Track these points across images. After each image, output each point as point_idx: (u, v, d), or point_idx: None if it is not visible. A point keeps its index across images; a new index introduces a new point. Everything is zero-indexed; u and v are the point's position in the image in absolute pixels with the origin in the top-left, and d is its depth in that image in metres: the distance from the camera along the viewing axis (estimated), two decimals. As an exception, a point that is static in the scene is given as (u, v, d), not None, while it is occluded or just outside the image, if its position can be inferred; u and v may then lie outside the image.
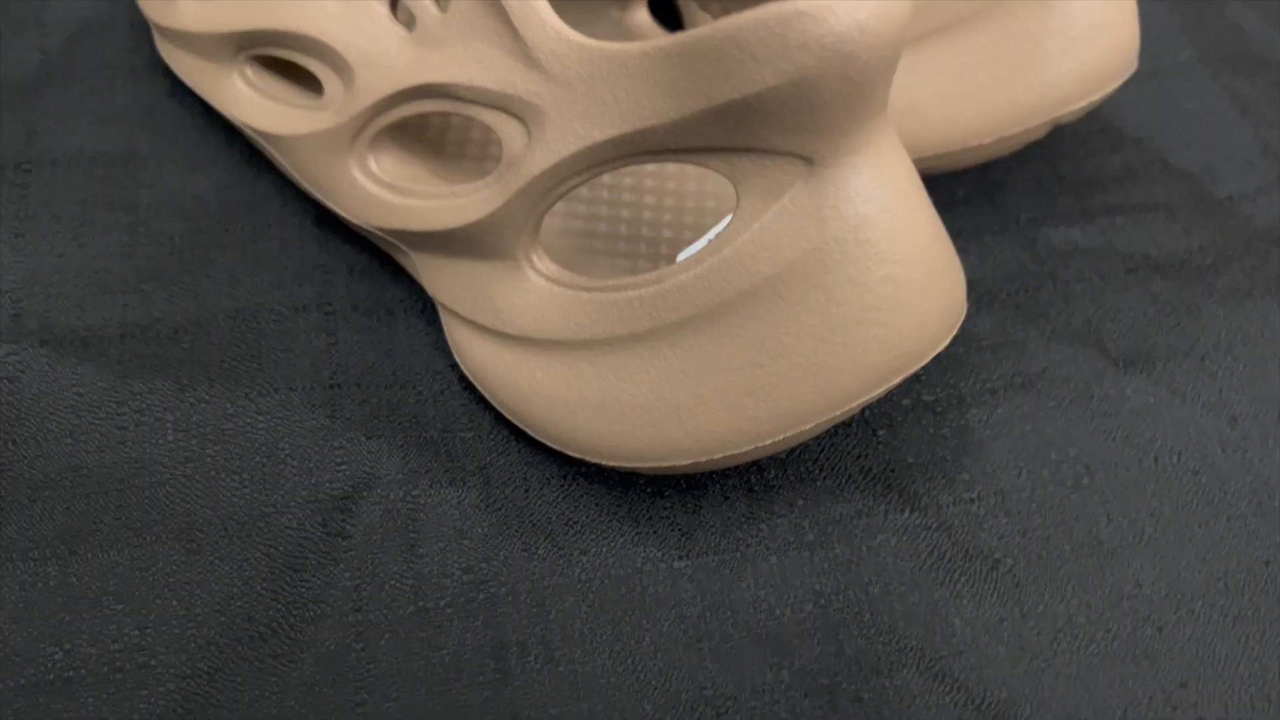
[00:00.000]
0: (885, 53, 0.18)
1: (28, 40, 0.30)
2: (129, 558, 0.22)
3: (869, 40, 0.18)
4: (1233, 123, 0.33)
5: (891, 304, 0.21)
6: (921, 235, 0.21)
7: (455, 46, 0.23)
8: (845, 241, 0.20)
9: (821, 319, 0.21)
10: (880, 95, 0.20)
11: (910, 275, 0.21)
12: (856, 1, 0.18)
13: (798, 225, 0.20)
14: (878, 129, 0.20)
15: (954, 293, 0.22)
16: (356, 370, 0.26)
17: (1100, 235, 0.30)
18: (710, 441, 0.22)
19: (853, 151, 0.20)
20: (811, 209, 0.20)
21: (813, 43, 0.18)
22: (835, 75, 0.18)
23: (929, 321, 0.22)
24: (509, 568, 0.23)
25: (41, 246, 0.27)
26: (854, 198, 0.20)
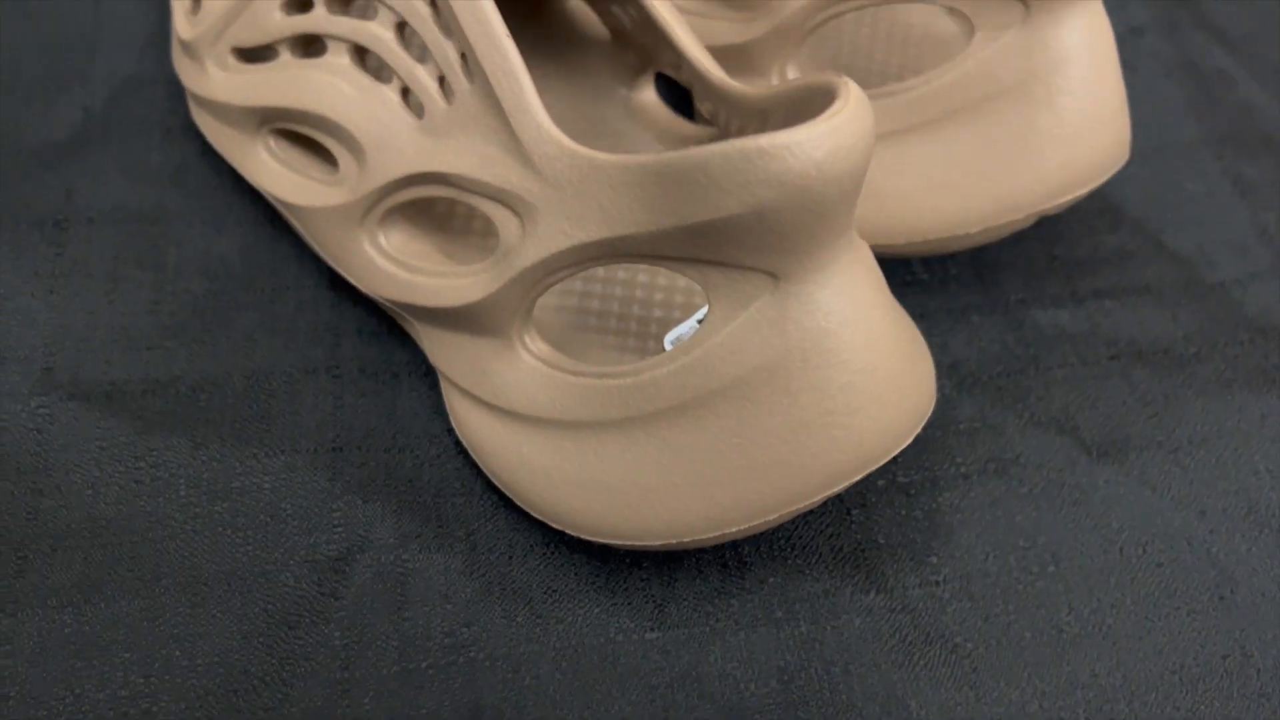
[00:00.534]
0: (844, 187, 0.20)
1: (73, 97, 0.32)
2: (138, 608, 0.24)
3: (826, 177, 0.19)
4: (1231, 205, 0.34)
5: (851, 409, 0.22)
6: (883, 345, 0.22)
7: (459, 139, 0.25)
8: (807, 351, 0.21)
9: (783, 420, 0.22)
10: (842, 220, 0.21)
11: (870, 383, 0.22)
12: (815, 141, 0.19)
13: (763, 334, 0.21)
14: (842, 247, 0.21)
15: (917, 395, 0.23)
16: (359, 433, 0.27)
17: (1087, 319, 0.31)
18: (679, 526, 0.24)
19: (816, 269, 0.21)
20: (776, 320, 0.21)
21: (772, 179, 0.19)
22: (795, 207, 0.19)
23: (889, 424, 0.23)
24: (489, 633, 0.25)
25: (74, 302, 0.29)
26: (816, 311, 0.21)
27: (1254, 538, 0.27)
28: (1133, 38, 0.38)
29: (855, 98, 0.20)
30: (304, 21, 0.27)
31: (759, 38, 0.30)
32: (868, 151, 0.20)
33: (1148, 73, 0.37)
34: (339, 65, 0.27)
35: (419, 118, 0.26)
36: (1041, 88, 0.27)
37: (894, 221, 0.29)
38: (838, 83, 0.20)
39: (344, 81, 0.27)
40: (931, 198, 0.29)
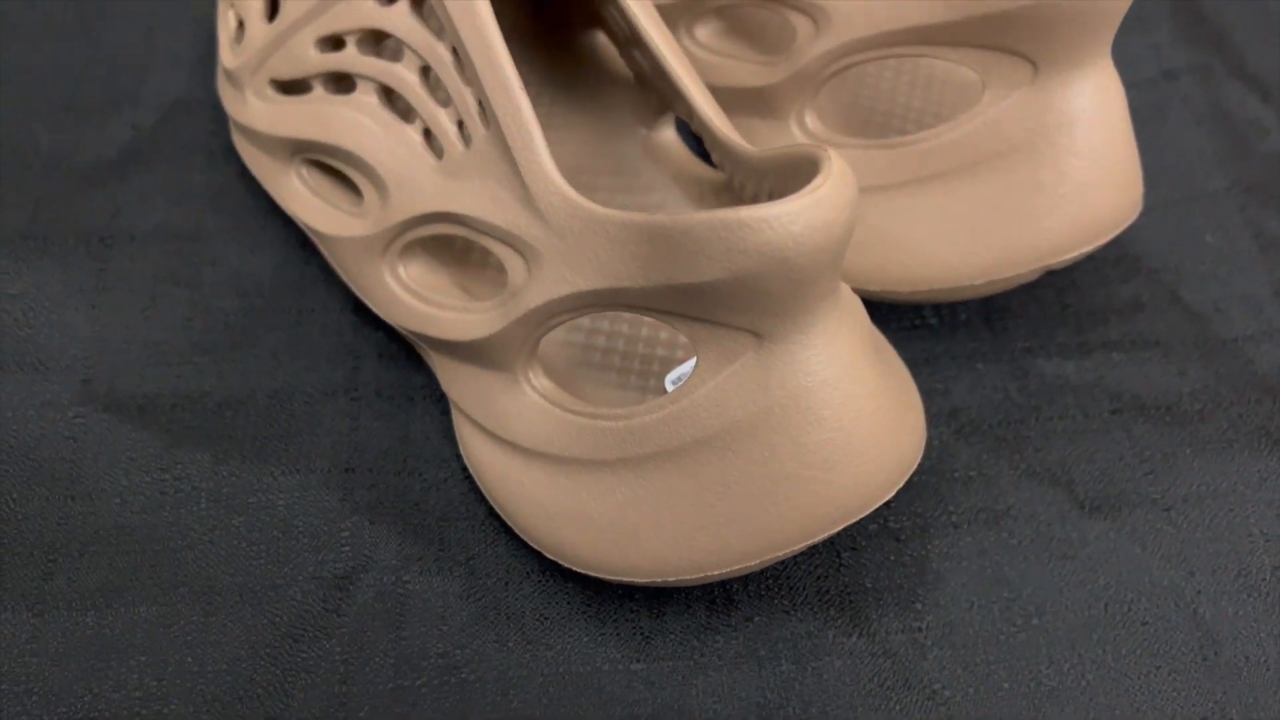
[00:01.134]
0: (821, 258, 0.20)
1: (124, 118, 0.34)
2: (155, 614, 0.26)
3: (804, 250, 0.20)
4: (1251, 260, 0.34)
5: (830, 465, 0.23)
6: (865, 404, 0.23)
7: (474, 182, 0.26)
8: (788, 408, 0.22)
9: (764, 472, 0.23)
10: (823, 285, 0.21)
11: (850, 440, 0.23)
12: (792, 215, 0.20)
13: (746, 390, 0.22)
14: (826, 309, 0.22)
15: (900, 450, 0.24)
16: (371, 455, 0.29)
17: (1093, 371, 0.31)
18: (664, 565, 0.24)
19: (799, 330, 0.22)
20: (759, 377, 0.22)
21: (751, 249, 0.20)
22: (774, 276, 0.20)
23: (869, 480, 0.23)
24: (481, 656, 0.26)
25: (113, 317, 0.30)
26: (798, 371, 0.22)
27: (1242, 600, 0.27)
28: (1165, 82, 0.38)
29: (836, 173, 0.20)
30: (335, 59, 0.29)
31: (778, 83, 0.31)
32: (847, 225, 0.21)
33: (1178, 119, 0.37)
34: (367, 103, 0.28)
35: (439, 158, 0.27)
36: (1048, 147, 0.27)
37: (900, 269, 0.30)
38: (821, 156, 0.21)
39: (370, 119, 0.28)
40: (937, 248, 0.29)
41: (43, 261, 0.31)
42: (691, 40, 0.34)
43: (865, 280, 0.30)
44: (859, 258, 0.30)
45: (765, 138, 0.32)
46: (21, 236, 0.31)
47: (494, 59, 0.25)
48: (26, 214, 0.32)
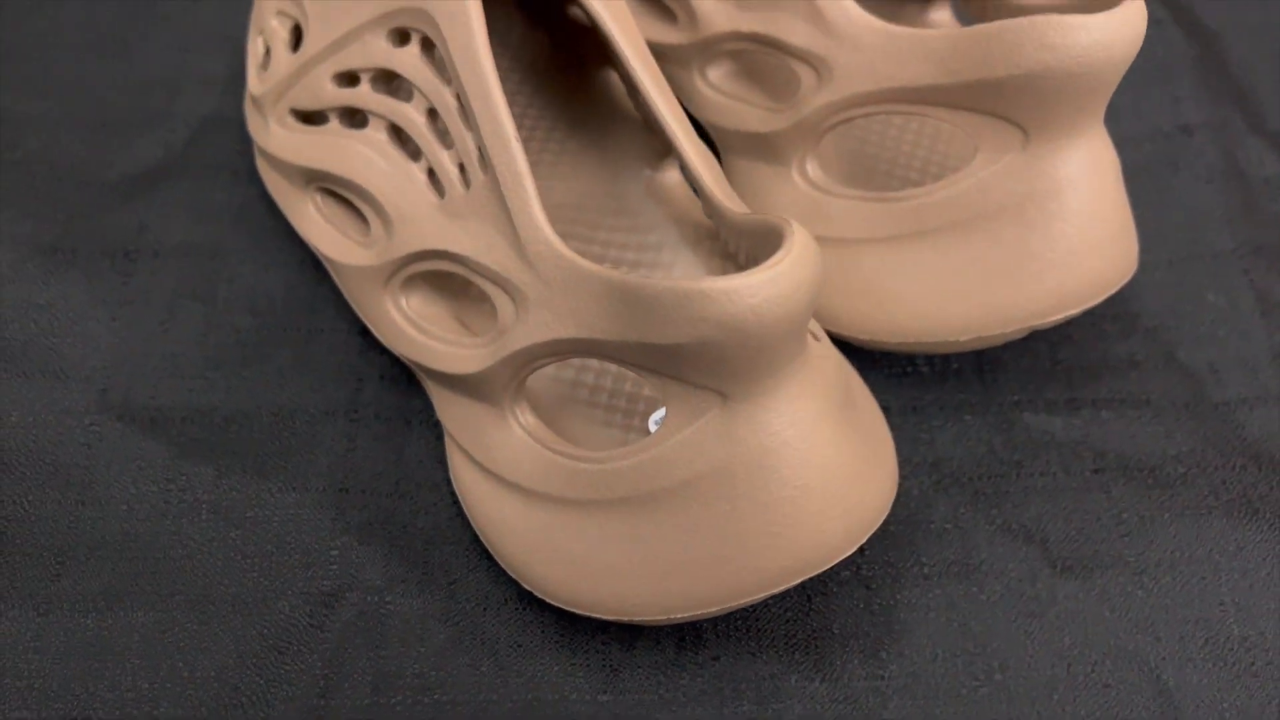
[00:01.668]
0: (781, 330, 0.21)
1: (156, 134, 0.36)
2: (152, 620, 0.27)
3: (763, 321, 0.21)
4: (1251, 323, 0.34)
5: (788, 522, 0.24)
6: (827, 464, 0.24)
7: (471, 223, 0.27)
8: (749, 466, 0.23)
9: (725, 525, 0.24)
10: (787, 352, 0.22)
11: (809, 499, 0.23)
12: (752, 289, 0.21)
13: (710, 446, 0.23)
14: (790, 373, 0.23)
15: (864, 507, 0.25)
16: (365, 476, 0.30)
17: (1080, 428, 0.32)
18: (630, 605, 0.25)
19: (762, 392, 0.23)
20: (723, 434, 0.23)
21: (712, 319, 0.21)
22: (734, 344, 0.21)
23: (828, 537, 0.24)
24: (455, 679, 0.27)
25: (134, 330, 0.32)
26: (760, 431, 0.23)
27: (1206, 669, 0.28)
28: (1180, 136, 0.38)
29: (798, 249, 0.21)
30: (350, 95, 0.30)
31: (782, 130, 0.32)
32: (807, 298, 0.21)
33: (1189, 175, 0.37)
34: (376, 139, 0.29)
35: (441, 198, 0.28)
36: (1036, 212, 0.28)
37: (889, 320, 0.30)
38: (786, 231, 0.22)
39: (379, 155, 0.29)
40: (925, 303, 0.30)
41: (70, 273, 0.32)
42: (704, 81, 0.35)
43: (855, 328, 0.31)
44: (850, 305, 0.31)
45: (769, 182, 0.33)
46: (52, 249, 0.33)
47: (492, 109, 0.26)
48: (59, 227, 0.33)
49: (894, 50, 0.29)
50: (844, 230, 0.31)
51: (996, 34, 0.26)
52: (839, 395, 0.25)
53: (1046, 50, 0.25)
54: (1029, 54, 0.26)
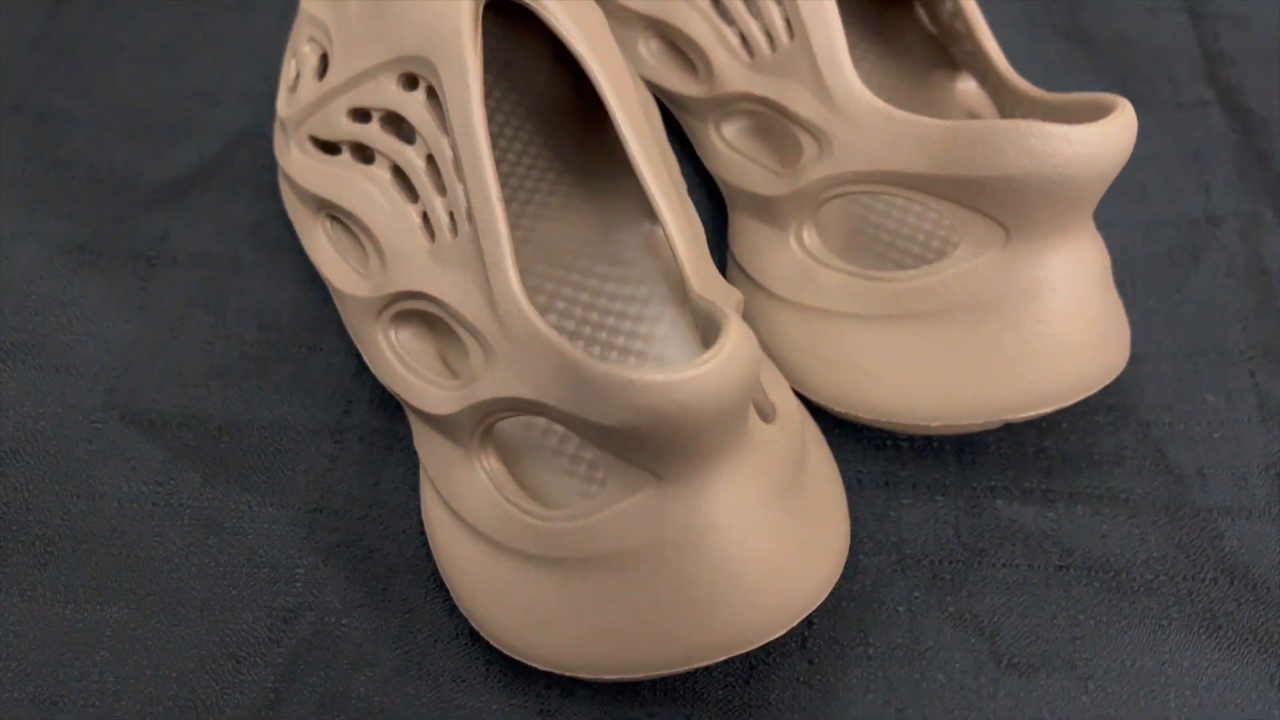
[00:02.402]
0: (710, 422, 0.22)
1: (192, 144, 0.37)
2: (125, 617, 0.29)
3: (691, 415, 0.21)
4: (1248, 429, 0.33)
5: (717, 603, 0.24)
6: (758, 551, 0.24)
7: (455, 271, 0.28)
8: (680, 546, 0.24)
9: (652, 598, 0.24)
10: (720, 441, 0.23)
11: (735, 584, 0.24)
12: (681, 385, 0.21)
13: (642, 522, 0.24)
14: (725, 459, 0.23)
15: (797, 592, 0.25)
16: (340, 498, 0.31)
17: (1051, 522, 0.31)
18: (565, 659, 0.26)
19: (695, 476, 0.23)
20: (656, 512, 0.24)
21: (641, 409, 0.21)
22: (663, 435, 0.22)
23: (756, 620, 0.25)
24: (395, 706, 0.28)
25: (145, 334, 0.34)
26: (691, 513, 0.23)
27: (1140, 785, 0.27)
28: (1207, 226, 0.38)
29: (730, 346, 0.22)
30: (360, 131, 0.31)
31: (783, 196, 0.32)
32: (736, 395, 0.22)
33: (1209, 267, 0.37)
34: (380, 177, 0.30)
35: (432, 241, 0.29)
36: (1013, 311, 0.28)
37: (864, 397, 0.31)
38: (724, 326, 0.22)
39: (380, 193, 0.30)
40: (899, 385, 0.30)
41: (93, 274, 0.34)
42: (719, 136, 0.35)
43: (832, 399, 0.31)
44: (829, 377, 0.31)
45: (769, 245, 0.33)
46: (80, 248, 0.35)
47: (479, 166, 0.27)
48: (89, 228, 0.35)
49: (890, 133, 0.29)
50: (831, 302, 0.31)
51: (982, 133, 0.26)
52: (782, 480, 0.25)
53: (1027, 156, 0.25)
54: (1010, 158, 0.26)
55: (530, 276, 0.33)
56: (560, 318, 0.32)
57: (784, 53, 0.32)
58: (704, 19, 0.35)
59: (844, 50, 0.30)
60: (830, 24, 0.31)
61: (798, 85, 0.31)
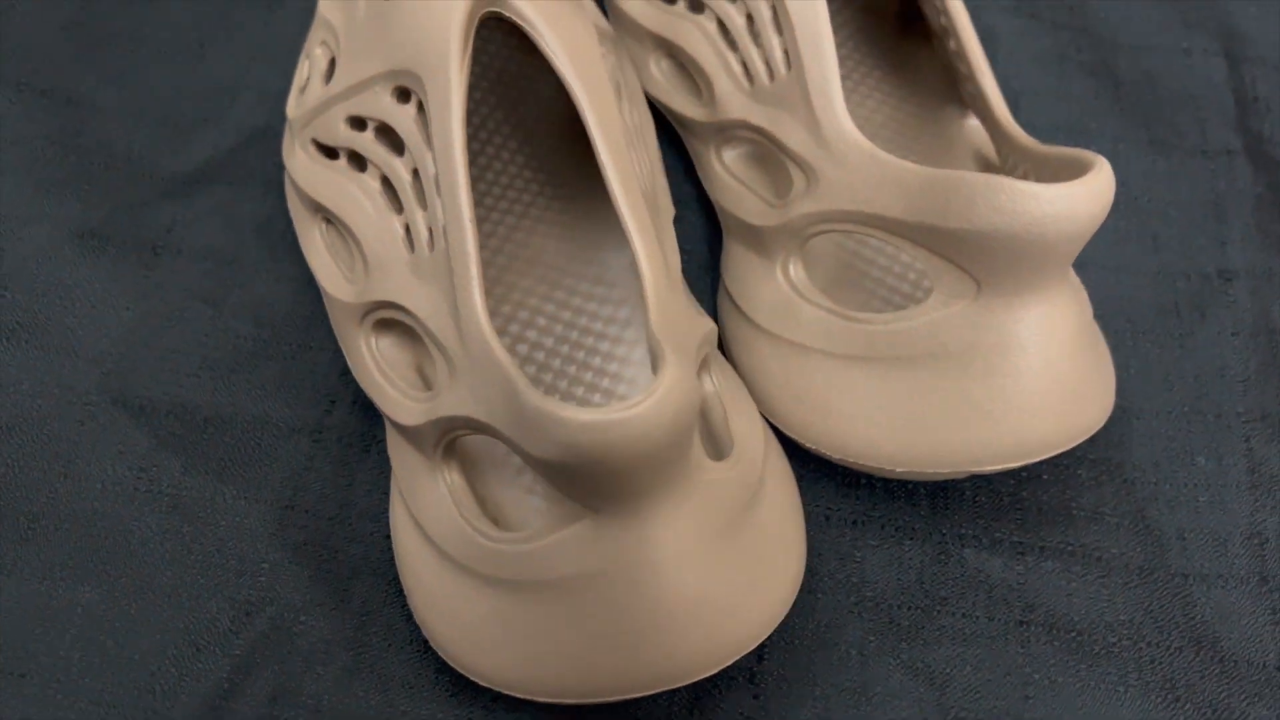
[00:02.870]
0: (638, 463, 0.22)
1: (206, 137, 0.38)
2: (96, 598, 0.30)
3: (616, 455, 0.21)
4: (1236, 495, 0.33)
5: (647, 636, 0.24)
6: (694, 588, 0.24)
7: (428, 286, 0.28)
8: (614, 579, 0.24)
9: (590, 628, 0.25)
10: (652, 481, 0.23)
11: (670, 620, 0.24)
12: (607, 424, 0.21)
13: (579, 552, 0.24)
14: (665, 497, 0.23)
15: (735, 631, 0.25)
16: (311, 497, 0.32)
17: (1018, 575, 0.31)
18: (506, 679, 0.26)
19: (630, 514, 0.23)
20: (591, 544, 0.24)
21: (564, 444, 0.22)
22: (588, 470, 0.22)
23: (689, 656, 0.25)
24: (343, 706, 0.29)
25: (144, 322, 0.35)
26: (626, 550, 0.24)
27: None
28: (1219, 280, 0.37)
29: (660, 392, 0.22)
30: (355, 139, 0.31)
31: (772, 227, 0.32)
32: (665, 438, 0.22)
33: (1216, 324, 0.36)
34: (370, 186, 0.31)
35: (411, 253, 0.29)
36: (981, 365, 0.27)
37: (832, 436, 0.30)
38: (660, 367, 0.22)
39: (369, 201, 0.31)
40: (867, 427, 0.30)
41: (100, 260, 0.35)
42: (719, 161, 0.35)
43: (801, 435, 0.31)
44: (800, 412, 0.31)
45: (756, 274, 0.33)
46: (91, 234, 0.36)
47: (454, 185, 0.27)
48: (102, 214, 0.36)
49: (873, 175, 0.29)
50: (808, 338, 0.31)
51: (955, 185, 0.26)
52: (726, 518, 0.25)
53: (996, 213, 0.25)
54: (980, 212, 0.25)
55: (515, 291, 0.34)
56: (540, 334, 0.33)
57: (781, 84, 0.32)
58: (710, 43, 0.34)
59: (837, 86, 0.30)
60: (825, 58, 0.30)
61: (791, 118, 0.31)
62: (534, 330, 0.33)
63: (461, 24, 0.29)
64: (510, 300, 0.33)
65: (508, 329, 0.33)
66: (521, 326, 0.33)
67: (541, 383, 0.32)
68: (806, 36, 0.31)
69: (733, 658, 0.25)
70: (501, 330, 0.33)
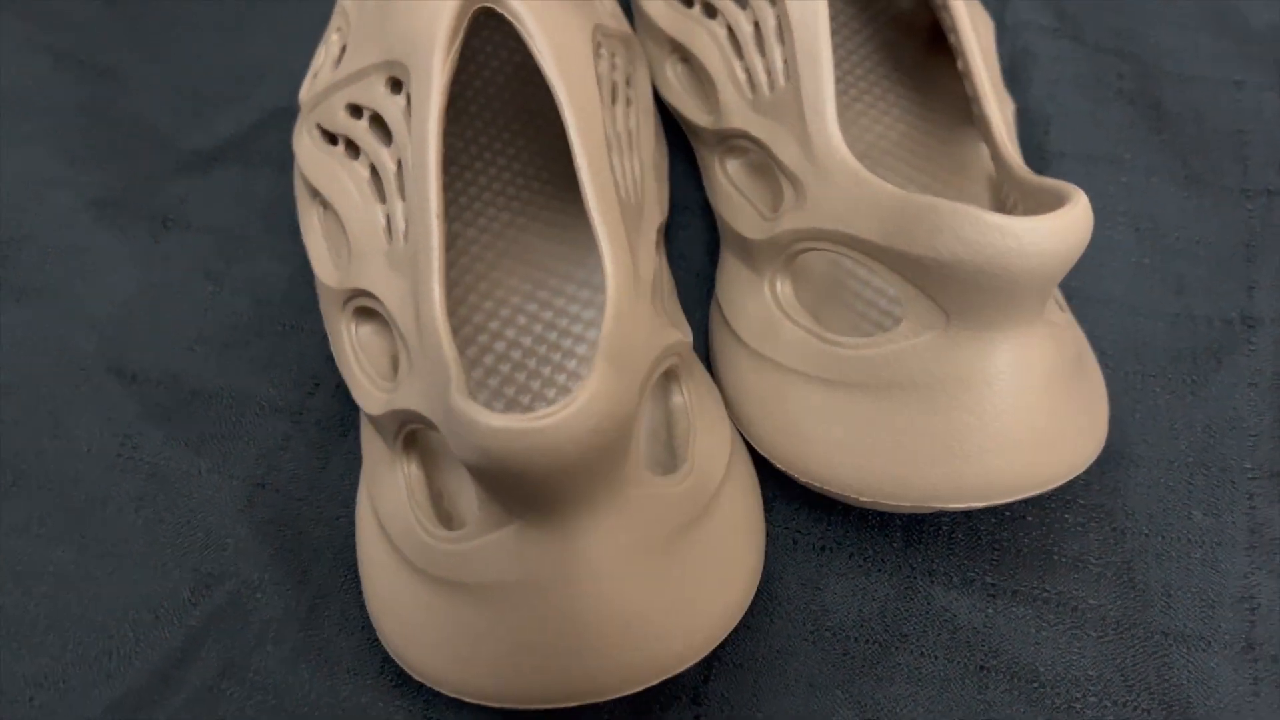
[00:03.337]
0: (553, 473, 0.21)
1: (229, 115, 0.39)
2: (68, 557, 0.31)
3: (528, 464, 0.21)
4: (1232, 555, 0.31)
5: (569, 648, 0.24)
6: (619, 603, 0.24)
7: (400, 277, 0.28)
8: (538, 588, 0.24)
9: (515, 635, 0.24)
10: (574, 490, 0.22)
11: (591, 633, 0.24)
12: (521, 431, 0.21)
13: (503, 558, 0.24)
14: (591, 510, 0.23)
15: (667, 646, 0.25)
16: (283, 476, 0.32)
17: (986, 618, 0.30)
18: (441, 678, 0.26)
19: (551, 522, 0.23)
20: (515, 551, 0.24)
21: (480, 448, 0.21)
22: (502, 477, 0.22)
23: (614, 670, 0.24)
24: (287, 685, 0.29)
25: (148, 291, 0.35)
26: (548, 559, 0.23)
27: None
28: (1241, 327, 0.35)
29: (580, 401, 0.21)
30: (352, 126, 0.32)
31: (762, 241, 0.31)
32: (586, 449, 0.21)
33: (1232, 373, 0.34)
34: (360, 174, 0.31)
35: (389, 244, 0.29)
36: (945, 399, 0.26)
37: (798, 458, 0.30)
38: (590, 376, 0.22)
39: (357, 189, 0.31)
40: (831, 451, 0.29)
41: (113, 229, 0.36)
42: (722, 170, 0.35)
43: (770, 454, 0.30)
44: (772, 431, 0.30)
45: (746, 288, 0.32)
46: (110, 202, 0.37)
47: (424, 178, 0.27)
48: (123, 182, 0.37)
49: (855, 195, 0.28)
50: (785, 357, 0.30)
51: (925, 211, 0.25)
52: (664, 535, 0.25)
53: (960, 243, 0.24)
54: (944, 241, 0.24)
55: (499, 288, 0.33)
56: (519, 333, 0.33)
57: (779, 95, 0.31)
58: (719, 50, 0.34)
59: (830, 100, 0.29)
60: (822, 71, 0.30)
61: (786, 131, 0.31)
62: (513, 329, 0.33)
63: (451, 17, 0.29)
64: (494, 296, 0.33)
65: (487, 325, 0.33)
66: (501, 324, 0.33)
67: (515, 382, 0.32)
68: (805, 47, 0.30)
69: (660, 677, 0.25)
70: (480, 326, 0.33)
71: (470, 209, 0.35)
